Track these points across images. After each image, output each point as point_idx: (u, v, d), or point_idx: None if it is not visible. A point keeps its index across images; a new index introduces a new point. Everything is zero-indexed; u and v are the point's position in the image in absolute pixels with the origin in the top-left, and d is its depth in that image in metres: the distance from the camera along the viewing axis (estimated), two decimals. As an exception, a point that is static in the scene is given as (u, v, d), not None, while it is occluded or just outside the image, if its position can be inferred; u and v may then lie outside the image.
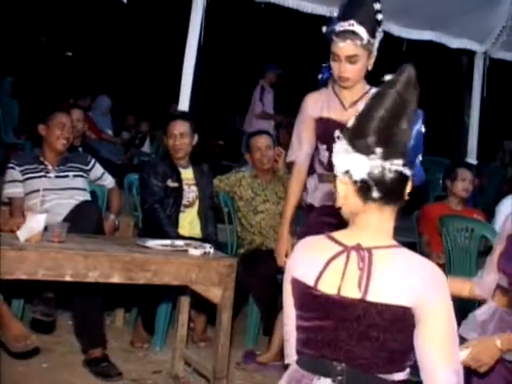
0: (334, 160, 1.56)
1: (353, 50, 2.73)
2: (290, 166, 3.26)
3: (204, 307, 3.73)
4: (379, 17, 2.79)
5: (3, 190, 3.71)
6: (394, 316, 1.47)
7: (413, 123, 1.53)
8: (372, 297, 1.48)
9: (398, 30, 5.34)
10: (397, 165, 1.50)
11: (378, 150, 1.49)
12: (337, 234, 1.58)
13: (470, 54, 5.92)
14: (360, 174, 1.50)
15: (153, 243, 3.07)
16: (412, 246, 4.03)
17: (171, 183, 3.92)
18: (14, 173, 3.67)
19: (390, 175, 1.50)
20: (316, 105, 2.93)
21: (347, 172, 1.52)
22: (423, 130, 1.57)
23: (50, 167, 3.75)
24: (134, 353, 3.76)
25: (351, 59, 2.75)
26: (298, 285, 1.58)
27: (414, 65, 1.58)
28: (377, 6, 2.76)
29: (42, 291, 3.25)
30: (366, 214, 1.54)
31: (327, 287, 1.52)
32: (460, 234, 3.72)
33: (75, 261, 2.68)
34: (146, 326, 3.85)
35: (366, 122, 1.52)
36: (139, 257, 2.82)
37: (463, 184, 4.35)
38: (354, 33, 2.70)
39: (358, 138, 1.52)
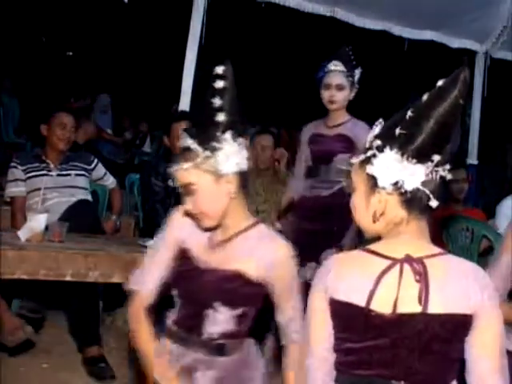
0: (377, 173, 1.47)
1: None
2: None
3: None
4: None
5: (5, 190, 3.72)
6: (457, 325, 1.44)
7: None
8: (433, 309, 1.42)
9: (398, 30, 5.34)
10: (443, 170, 1.46)
11: (436, 158, 1.44)
12: (376, 247, 1.50)
13: (471, 54, 5.92)
14: (414, 183, 1.44)
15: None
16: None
17: (172, 183, 3.91)
18: (16, 172, 3.67)
19: (437, 182, 1.46)
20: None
21: (396, 183, 1.45)
22: None
23: (52, 166, 3.75)
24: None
25: None
26: (342, 307, 1.49)
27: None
28: None
29: (37, 290, 3.25)
30: (409, 224, 1.49)
31: (381, 306, 1.44)
32: (461, 234, 3.72)
33: (76, 260, 2.68)
34: (146, 325, 3.84)
35: (421, 124, 1.44)
36: (140, 257, 2.80)
37: (456, 185, 4.34)
38: None
39: (411, 143, 1.44)
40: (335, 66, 3.41)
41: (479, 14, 5.23)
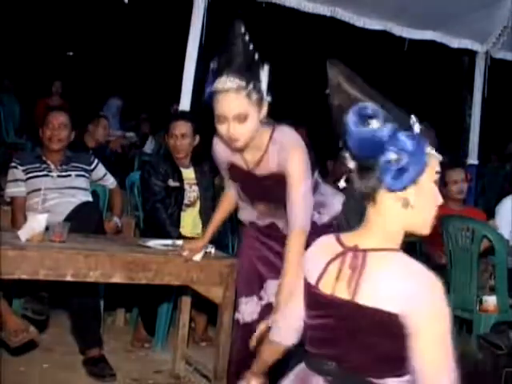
0: None
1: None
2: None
3: (205, 307, 3.73)
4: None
5: (6, 190, 3.72)
6: (379, 321, 1.43)
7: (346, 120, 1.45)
8: (360, 299, 1.45)
9: (399, 30, 5.35)
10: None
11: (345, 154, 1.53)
12: (343, 235, 1.58)
13: (472, 54, 5.93)
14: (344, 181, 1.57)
15: (154, 243, 3.07)
16: (412, 246, 4.04)
17: (172, 183, 3.92)
18: (16, 172, 3.67)
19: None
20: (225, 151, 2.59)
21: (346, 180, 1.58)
22: (374, 127, 1.44)
23: (52, 166, 3.75)
24: (134, 352, 3.76)
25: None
26: (304, 283, 1.61)
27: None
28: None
29: (38, 290, 3.24)
30: (369, 218, 1.55)
31: (325, 287, 1.54)
32: (461, 234, 3.72)
33: (76, 260, 2.68)
34: (146, 326, 3.85)
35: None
36: (140, 257, 2.82)
37: (456, 186, 4.31)
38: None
39: None
40: (226, 82, 2.32)
41: (479, 14, 5.24)
